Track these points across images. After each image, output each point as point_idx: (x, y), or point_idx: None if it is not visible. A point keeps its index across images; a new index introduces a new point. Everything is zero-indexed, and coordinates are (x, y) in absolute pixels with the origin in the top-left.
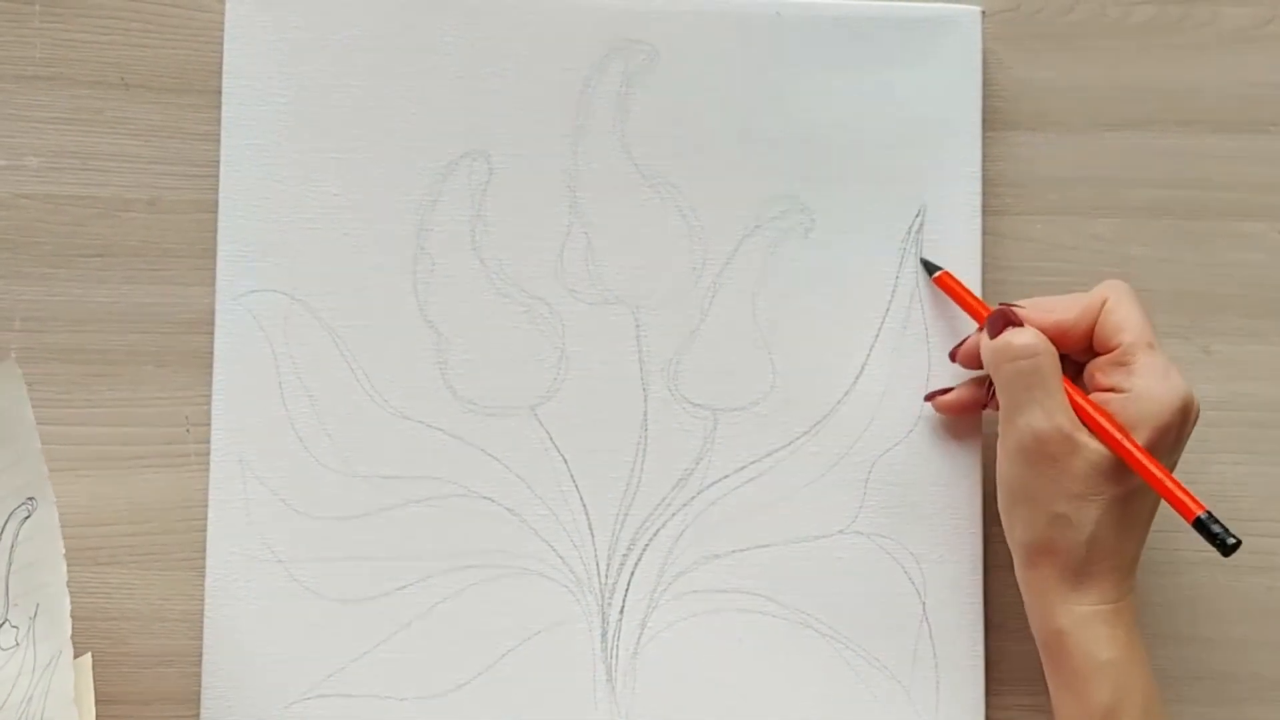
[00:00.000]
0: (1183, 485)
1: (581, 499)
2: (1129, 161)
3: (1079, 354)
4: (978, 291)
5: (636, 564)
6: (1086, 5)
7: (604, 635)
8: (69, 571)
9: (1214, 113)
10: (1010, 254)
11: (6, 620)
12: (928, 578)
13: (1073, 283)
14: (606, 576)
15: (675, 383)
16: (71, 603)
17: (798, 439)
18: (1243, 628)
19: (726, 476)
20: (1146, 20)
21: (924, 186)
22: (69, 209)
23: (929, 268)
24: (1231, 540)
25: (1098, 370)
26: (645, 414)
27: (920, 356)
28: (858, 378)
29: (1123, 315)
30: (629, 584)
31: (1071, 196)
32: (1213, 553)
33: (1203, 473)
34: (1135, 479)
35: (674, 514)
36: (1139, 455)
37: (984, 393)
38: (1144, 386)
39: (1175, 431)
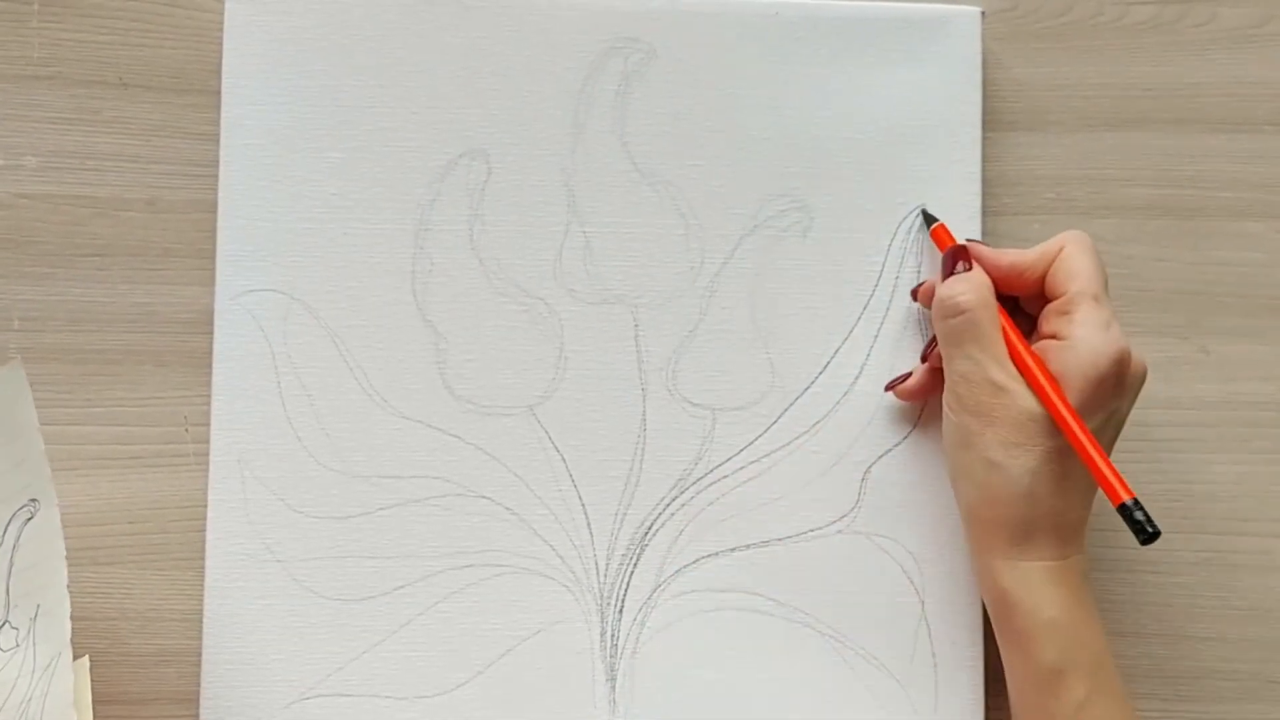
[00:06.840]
0: (1113, 465)
1: (580, 498)
2: (1127, 161)
3: (1034, 299)
4: None
5: (635, 563)
6: (1084, 5)
7: (603, 634)
8: (68, 571)
9: (1212, 112)
10: None
11: (7, 622)
12: (927, 578)
13: None
14: (605, 575)
15: (674, 382)
16: (71, 603)
17: (796, 438)
18: (1241, 627)
19: (725, 476)
20: (1144, 20)
21: (924, 186)
22: (68, 209)
23: (928, 219)
24: (1151, 529)
25: (1044, 318)
26: (644, 413)
27: (919, 356)
28: (857, 378)
29: (1075, 264)
30: (628, 583)
31: (1070, 196)
32: (1213, 552)
33: (1202, 472)
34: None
35: (673, 513)
36: (1070, 421)
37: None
38: (1081, 336)
39: (1110, 385)
